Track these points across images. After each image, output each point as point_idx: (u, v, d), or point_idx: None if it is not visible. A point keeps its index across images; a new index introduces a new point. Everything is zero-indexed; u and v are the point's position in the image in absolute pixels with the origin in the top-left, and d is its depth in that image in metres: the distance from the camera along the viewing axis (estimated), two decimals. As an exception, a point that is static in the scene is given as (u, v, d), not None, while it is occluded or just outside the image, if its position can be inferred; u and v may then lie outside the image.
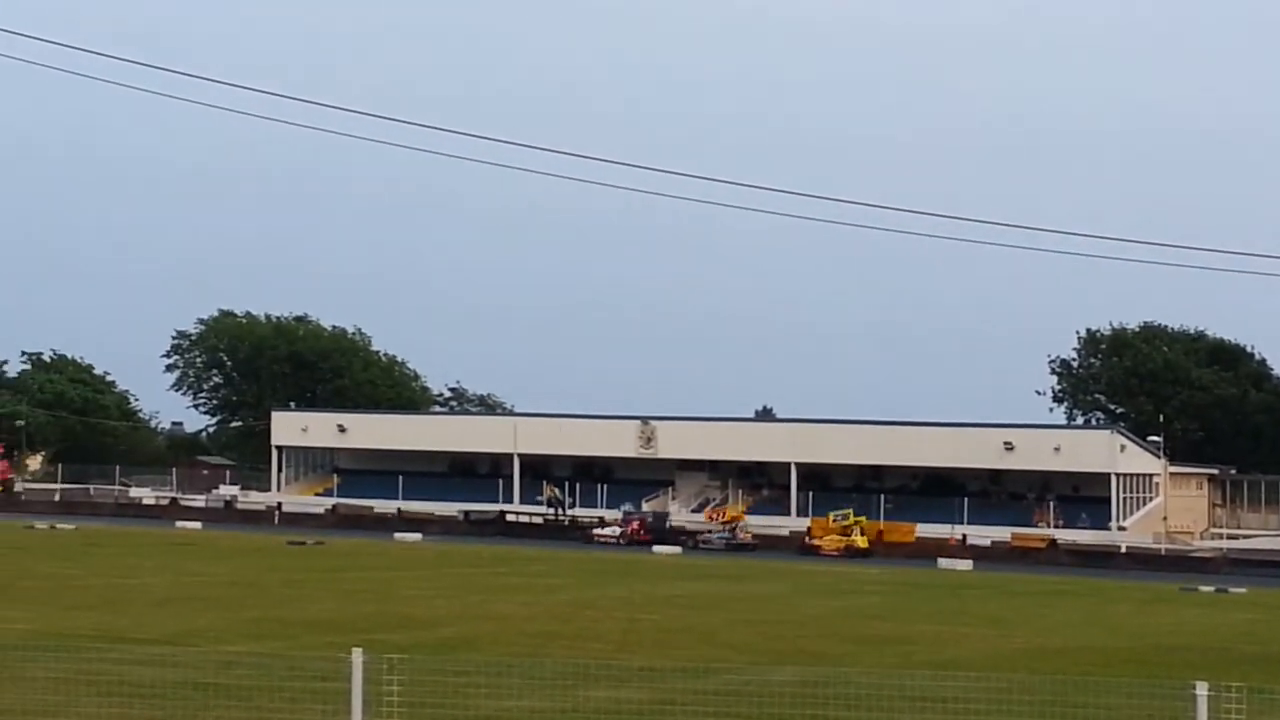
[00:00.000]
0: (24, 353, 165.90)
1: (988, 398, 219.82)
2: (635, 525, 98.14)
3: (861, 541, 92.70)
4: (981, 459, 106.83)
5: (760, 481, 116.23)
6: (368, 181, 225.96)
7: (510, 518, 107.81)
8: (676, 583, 59.91)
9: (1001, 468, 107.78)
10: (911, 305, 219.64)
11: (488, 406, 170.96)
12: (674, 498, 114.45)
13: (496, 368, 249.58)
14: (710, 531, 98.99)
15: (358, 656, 11.93)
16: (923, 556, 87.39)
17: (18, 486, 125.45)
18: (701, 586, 58.39)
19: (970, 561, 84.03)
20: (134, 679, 22.71)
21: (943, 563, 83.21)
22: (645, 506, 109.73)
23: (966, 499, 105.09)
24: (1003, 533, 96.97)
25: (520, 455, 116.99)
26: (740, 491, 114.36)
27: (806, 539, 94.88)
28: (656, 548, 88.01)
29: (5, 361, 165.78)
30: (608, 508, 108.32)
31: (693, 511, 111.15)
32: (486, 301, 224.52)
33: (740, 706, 20.84)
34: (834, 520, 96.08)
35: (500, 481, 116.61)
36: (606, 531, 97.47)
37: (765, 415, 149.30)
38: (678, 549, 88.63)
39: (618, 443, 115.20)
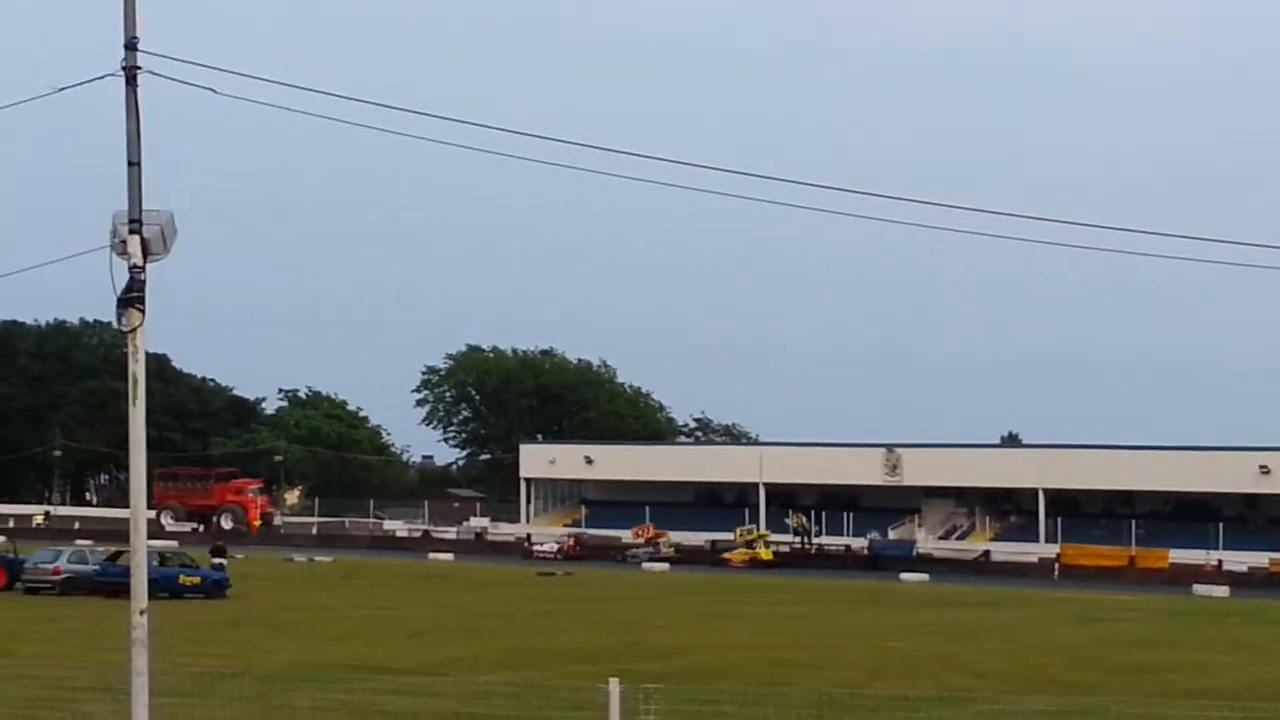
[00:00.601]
0: (281, 390, 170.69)
1: (1242, 421, 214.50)
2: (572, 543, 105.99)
3: (765, 554, 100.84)
4: (1237, 483, 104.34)
5: (1008, 508, 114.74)
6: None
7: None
8: (924, 611, 59.38)
9: (1257, 492, 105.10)
10: (1161, 330, 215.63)
11: (733, 436, 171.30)
12: (920, 525, 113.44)
13: (741, 398, 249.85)
14: (637, 546, 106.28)
15: (614, 686, 12.10)
16: (1177, 583, 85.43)
17: (277, 520, 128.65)
18: (949, 615, 57.79)
19: (1227, 588, 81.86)
20: (392, 708, 23.22)
21: (1198, 589, 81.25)
22: (891, 534, 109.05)
23: (1221, 524, 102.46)
24: (1260, 558, 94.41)
25: (765, 484, 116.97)
26: (988, 518, 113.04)
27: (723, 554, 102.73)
28: (904, 575, 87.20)
29: (263, 399, 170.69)
30: (854, 535, 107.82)
31: (939, 538, 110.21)
32: (729, 333, 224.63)
33: (993, 736, 20.61)
34: (740, 535, 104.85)
35: (746, 510, 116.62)
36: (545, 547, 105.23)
37: (1011, 441, 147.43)
38: (925, 576, 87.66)
39: (863, 470, 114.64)
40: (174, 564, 57.47)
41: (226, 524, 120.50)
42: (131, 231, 9.46)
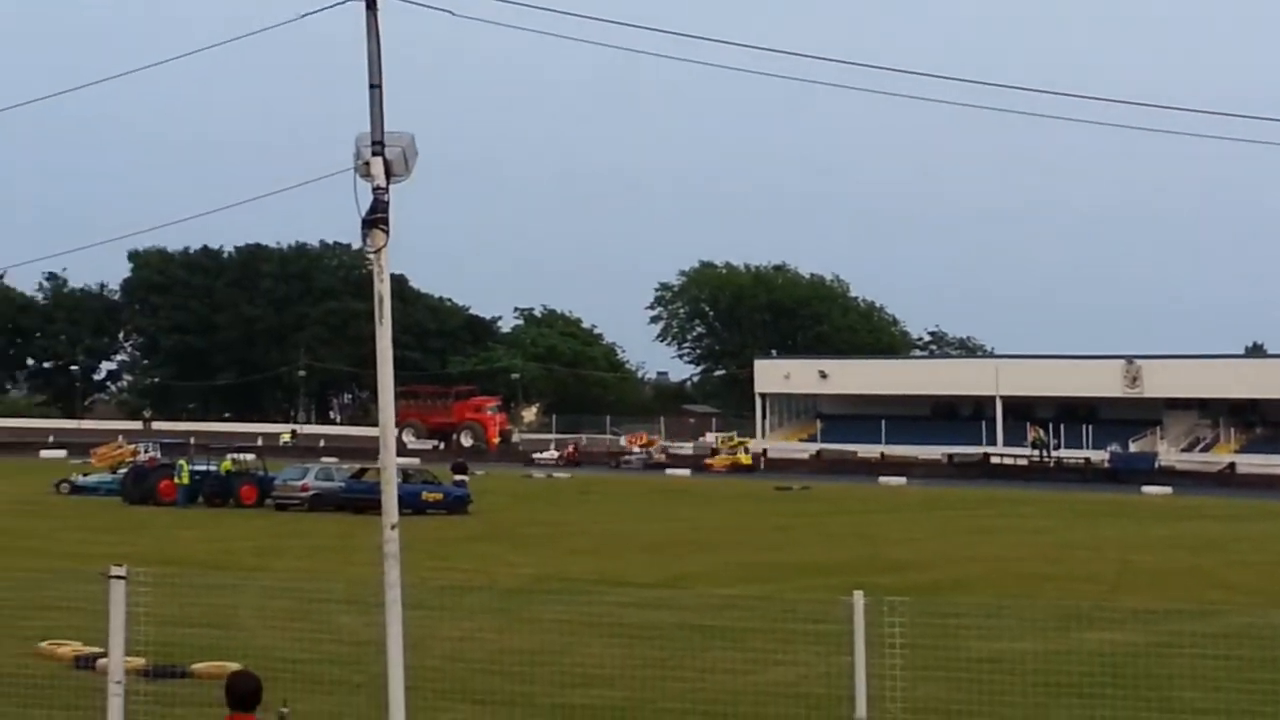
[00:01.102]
0: (517, 309, 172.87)
1: None
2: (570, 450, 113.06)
3: (745, 459, 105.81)
4: None
5: (1253, 420, 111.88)
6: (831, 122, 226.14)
7: (994, 460, 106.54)
8: (1168, 524, 58.28)
9: None
10: None
11: (968, 350, 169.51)
12: (1162, 437, 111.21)
13: (976, 311, 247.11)
14: (630, 453, 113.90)
15: (859, 599, 12.05)
16: None
17: (515, 437, 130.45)
18: (1194, 527, 56.66)
19: None
20: (633, 621, 23.45)
21: None
22: (1132, 447, 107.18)
23: None
24: None
25: (1003, 397, 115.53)
26: (1232, 430, 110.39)
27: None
28: (1146, 488, 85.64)
29: (499, 318, 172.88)
30: (1093, 449, 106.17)
31: (1182, 451, 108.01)
32: (966, 244, 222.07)
33: (1243, 649, 20.17)
34: (722, 442, 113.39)
35: (983, 424, 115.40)
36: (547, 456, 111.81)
37: (1256, 351, 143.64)
38: (1168, 489, 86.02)
39: (1102, 383, 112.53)
40: (417, 481, 58.62)
41: (466, 441, 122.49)
42: (375, 153, 9.60)
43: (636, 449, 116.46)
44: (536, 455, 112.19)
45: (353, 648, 20.12)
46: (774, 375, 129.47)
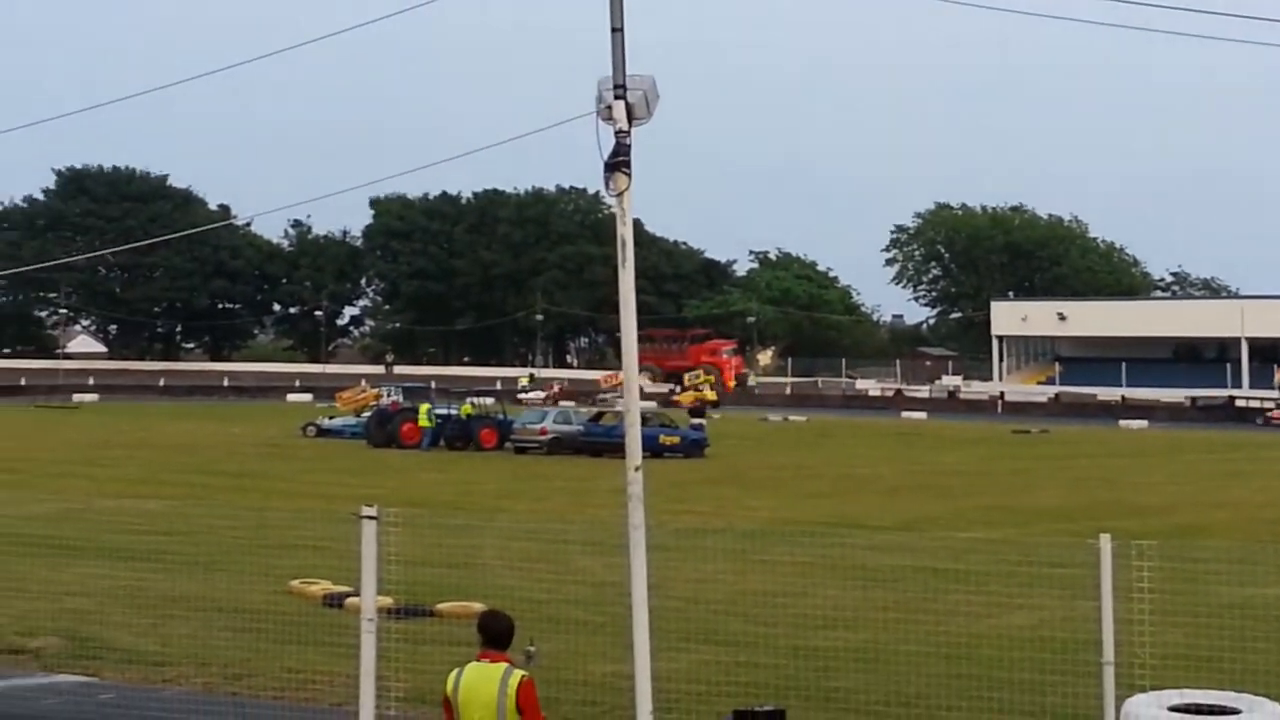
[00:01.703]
0: (752, 252, 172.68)
1: None
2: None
3: (711, 395, 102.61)
4: None
5: None
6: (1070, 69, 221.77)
7: (1240, 403, 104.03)
8: None
9: None
10: None
11: (1211, 290, 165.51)
12: None
13: (1220, 251, 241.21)
14: (606, 393, 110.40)
15: (1105, 542, 11.87)
16: None
17: (750, 381, 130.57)
18: None
19: None
20: (871, 564, 23.39)
21: None
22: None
23: None
24: None
25: (1248, 339, 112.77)
26: None
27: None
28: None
29: (734, 261, 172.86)
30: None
31: None
32: (1207, 184, 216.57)
33: None
34: (689, 380, 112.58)
35: (1228, 366, 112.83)
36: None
37: None
38: None
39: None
40: (654, 424, 59.04)
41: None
42: (616, 97, 9.65)
43: (611, 388, 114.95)
44: (521, 395, 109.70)
45: (593, 589, 20.38)
46: (1011, 317, 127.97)
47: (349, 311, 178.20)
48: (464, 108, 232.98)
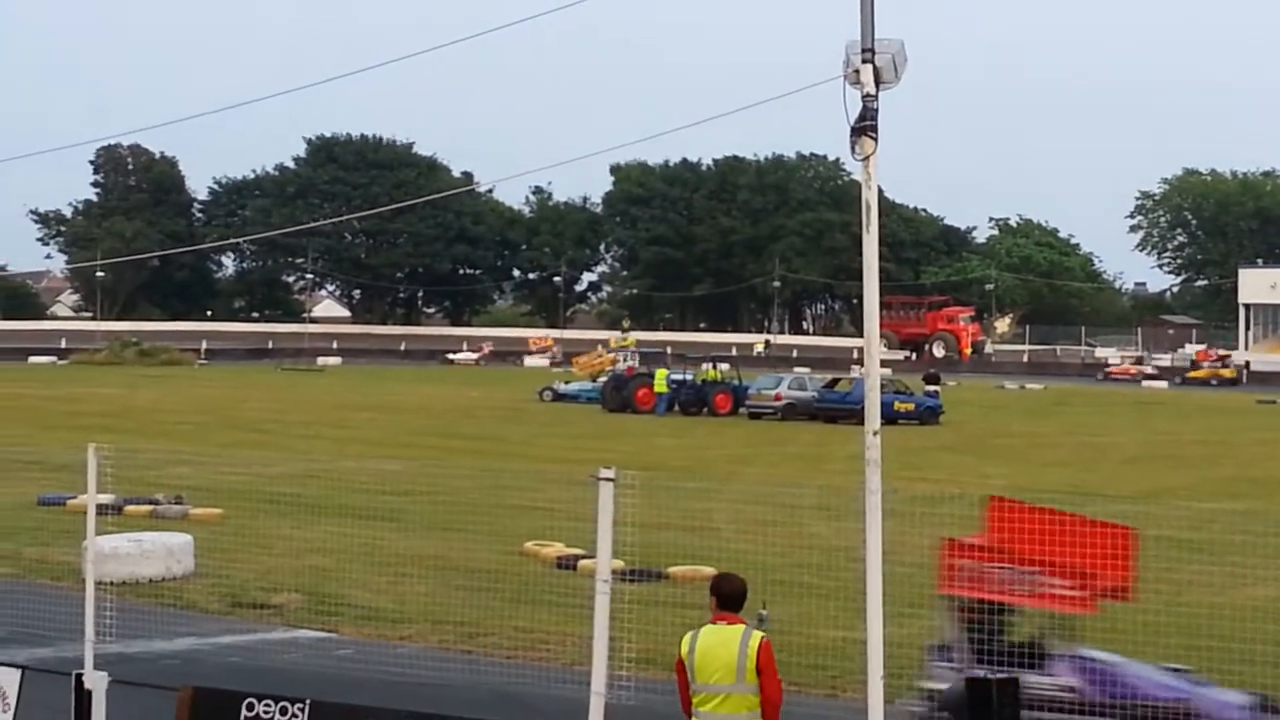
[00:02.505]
0: (992, 219, 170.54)
1: None
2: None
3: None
4: None
5: None
6: None
7: None
8: None
9: None
10: None
11: None
12: None
13: None
14: (536, 353, 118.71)
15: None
16: None
17: (988, 348, 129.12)
18: None
19: None
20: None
21: None
22: None
23: None
24: None
25: None
26: None
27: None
28: None
29: (974, 228, 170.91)
30: None
31: None
32: None
33: None
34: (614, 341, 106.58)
35: None
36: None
37: None
38: None
39: None
40: (890, 391, 58.68)
41: (938, 352, 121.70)
42: (864, 60, 9.59)
43: (535, 350, 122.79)
44: (452, 355, 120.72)
45: (824, 554, 20.33)
46: (1260, 285, 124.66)
47: (587, 277, 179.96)
48: (703, 75, 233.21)
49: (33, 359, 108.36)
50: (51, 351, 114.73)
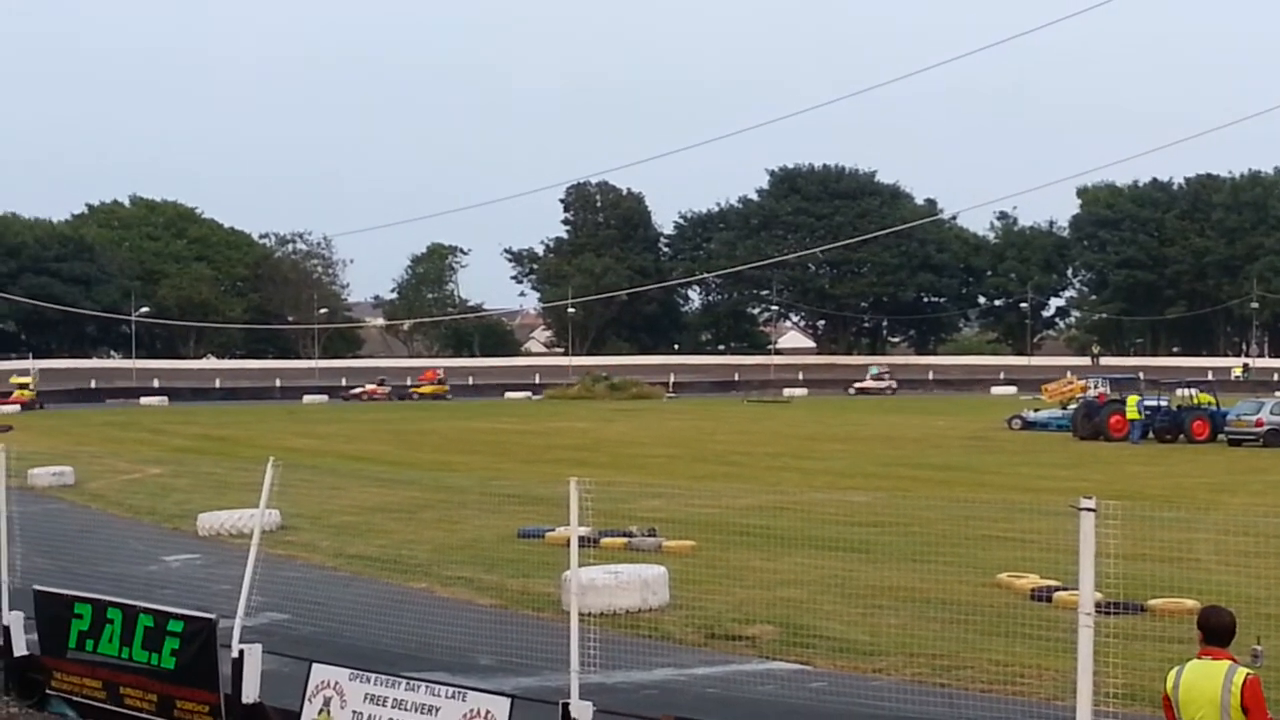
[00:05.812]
0: None
1: None
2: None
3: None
4: None
5: None
6: None
7: None
8: None
9: None
10: None
11: None
12: None
13: None
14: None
15: None
16: None
17: None
18: None
19: None
20: None
21: None
22: None
23: None
24: None
25: None
26: None
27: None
28: None
29: None
30: None
31: None
32: None
33: None
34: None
35: None
36: None
37: None
38: None
39: None
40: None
41: None
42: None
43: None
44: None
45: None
46: None
47: (1054, 303, 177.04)
48: (1174, 93, 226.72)
49: (509, 394, 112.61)
50: (526, 387, 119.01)
